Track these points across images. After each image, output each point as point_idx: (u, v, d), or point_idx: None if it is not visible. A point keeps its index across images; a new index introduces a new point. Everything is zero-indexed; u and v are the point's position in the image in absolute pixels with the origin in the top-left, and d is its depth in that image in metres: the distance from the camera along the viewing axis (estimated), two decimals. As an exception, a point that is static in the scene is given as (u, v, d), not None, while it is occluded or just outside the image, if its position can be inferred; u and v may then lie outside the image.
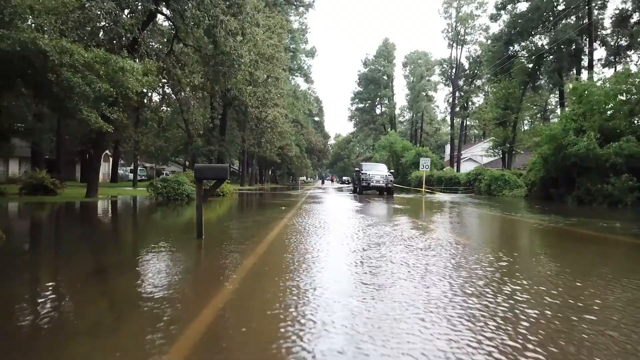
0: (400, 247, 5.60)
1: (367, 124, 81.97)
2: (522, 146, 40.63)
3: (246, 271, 4.11)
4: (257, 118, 32.52)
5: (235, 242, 6.39)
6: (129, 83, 10.94)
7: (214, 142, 33.67)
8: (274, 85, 32.37)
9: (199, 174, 6.32)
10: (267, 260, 4.82)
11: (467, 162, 59.65)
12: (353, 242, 6.01)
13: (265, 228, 7.85)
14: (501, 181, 28.03)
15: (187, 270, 4.46)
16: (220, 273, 4.20)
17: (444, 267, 4.45)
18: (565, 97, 42.62)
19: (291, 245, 5.72)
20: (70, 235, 7.68)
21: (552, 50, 37.82)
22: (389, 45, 77.67)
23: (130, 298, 3.35)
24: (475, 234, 8.18)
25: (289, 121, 45.28)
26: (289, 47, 50.90)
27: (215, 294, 3.36)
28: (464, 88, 62.37)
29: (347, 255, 5.02)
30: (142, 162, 58.96)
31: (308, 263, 4.51)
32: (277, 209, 13.90)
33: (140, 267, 4.45)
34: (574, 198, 19.18)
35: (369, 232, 7.04)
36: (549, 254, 5.96)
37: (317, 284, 3.65)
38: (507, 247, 6.37)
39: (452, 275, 4.02)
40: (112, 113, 11.87)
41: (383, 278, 3.86)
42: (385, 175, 25.34)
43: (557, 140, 18.73)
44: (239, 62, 17.43)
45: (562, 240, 7.54)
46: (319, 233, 6.91)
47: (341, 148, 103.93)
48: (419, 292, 3.44)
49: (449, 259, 4.90)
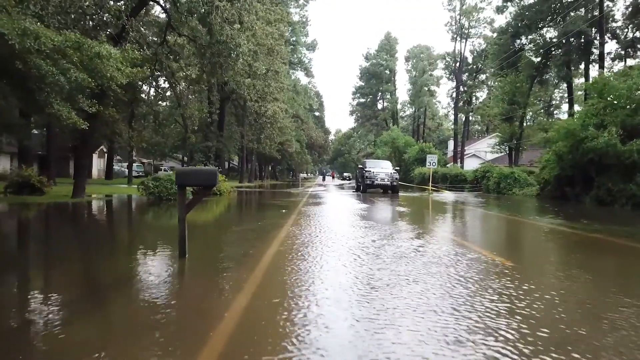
0: (439, 280, 4.40)
1: (369, 119, 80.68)
2: (529, 142, 39.41)
3: (228, 334, 2.88)
4: (256, 113, 31.27)
5: (224, 265, 5.19)
6: (109, 72, 9.69)
7: (211, 138, 32.48)
8: (274, 78, 31.10)
9: (181, 179, 5.17)
10: (259, 310, 3.41)
11: (471, 158, 58.45)
12: (368, 270, 4.84)
13: (262, 241, 6.68)
14: (511, 179, 26.89)
15: (147, 325, 2.98)
16: (194, 331, 3.00)
17: (524, 323, 3.29)
18: (573, 92, 41.65)
19: (291, 277, 4.50)
20: (22, 253, 6.49)
21: (561, 43, 36.56)
22: (391, 39, 76.31)
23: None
24: (518, 250, 6.99)
25: (289, 116, 44.05)
26: (289, 39, 49.62)
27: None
28: (468, 82, 61.04)
29: (363, 297, 3.85)
30: (139, 158, 57.80)
31: (311, 319, 3.12)
32: (277, 212, 12.76)
33: (78, 322, 3.28)
34: (592, 198, 18.03)
35: (387, 251, 5.87)
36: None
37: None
38: (578, 275, 5.12)
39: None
40: (91, 106, 10.63)
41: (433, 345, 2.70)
42: (390, 173, 24.24)
43: (575, 136, 17.55)
44: (237, 51, 16.23)
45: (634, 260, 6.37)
46: (324, 254, 5.70)
47: (341, 144, 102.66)
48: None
49: (521, 302, 3.74)
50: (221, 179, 20.49)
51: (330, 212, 12.00)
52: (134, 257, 5.63)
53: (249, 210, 15.03)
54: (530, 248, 7.39)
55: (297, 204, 15.47)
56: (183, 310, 3.40)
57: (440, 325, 2.90)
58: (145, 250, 6.14)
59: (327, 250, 5.73)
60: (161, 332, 2.80)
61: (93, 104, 10.64)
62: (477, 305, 3.39)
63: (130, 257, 5.73)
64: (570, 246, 7.33)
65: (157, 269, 4.80)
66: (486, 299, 3.59)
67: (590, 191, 18.51)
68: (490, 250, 6.10)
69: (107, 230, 8.75)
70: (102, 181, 36.16)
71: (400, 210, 14.17)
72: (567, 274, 4.85)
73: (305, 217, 10.23)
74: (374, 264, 4.86)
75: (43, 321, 3.01)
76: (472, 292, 3.80)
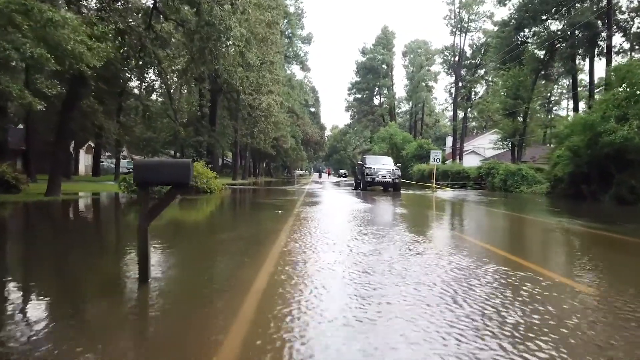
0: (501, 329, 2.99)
1: (365, 115, 79.16)
2: (532, 139, 38.15)
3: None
4: (249, 106, 29.72)
5: (198, 300, 3.70)
6: (70, 46, 8.14)
7: (203, 133, 30.94)
8: (268, 70, 29.62)
9: (141, 175, 3.74)
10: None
11: (470, 154, 57.17)
12: (386, 297, 3.42)
13: (254, 257, 5.23)
14: (518, 176, 25.56)
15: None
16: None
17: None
18: (577, 86, 40.39)
19: (296, 330, 3.08)
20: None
21: (566, 36, 35.27)
22: (388, 33, 74.79)
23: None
24: (583, 270, 5.54)
25: (284, 110, 42.52)
26: (285, 31, 48.08)
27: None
28: (467, 77, 59.71)
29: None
30: (130, 154, 56.12)
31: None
32: (272, 214, 11.32)
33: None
34: (612, 196, 16.73)
35: (411, 270, 4.45)
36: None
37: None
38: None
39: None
40: (50, 88, 9.10)
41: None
42: (392, 170, 22.85)
43: (594, 129, 16.21)
44: (227, 35, 14.75)
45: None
46: (328, 281, 4.27)
47: (337, 140, 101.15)
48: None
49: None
50: (212, 176, 19.04)
51: (331, 216, 10.52)
52: (87, 280, 4.17)
53: (241, 212, 13.53)
54: (601, 266, 5.97)
55: (293, 204, 14.03)
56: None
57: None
58: (97, 270, 4.67)
59: (337, 279, 4.31)
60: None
61: (53, 84, 9.09)
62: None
63: (82, 281, 4.26)
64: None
65: (109, 302, 3.35)
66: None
67: (609, 189, 17.22)
68: (562, 273, 4.68)
69: (63, 238, 7.28)
70: (89, 178, 34.62)
71: (409, 212, 12.80)
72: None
73: (304, 221, 8.79)
74: (406, 309, 3.44)
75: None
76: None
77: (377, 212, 11.42)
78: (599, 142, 16.14)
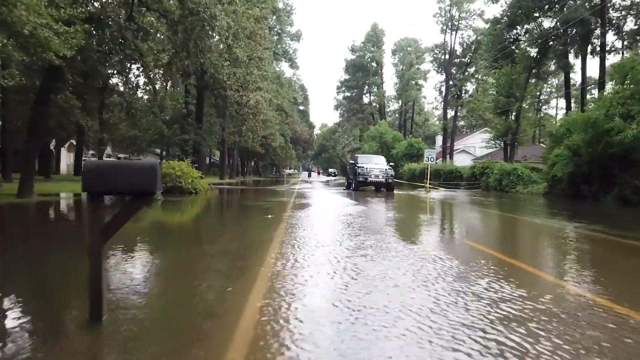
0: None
1: (355, 114, 78.31)
2: (526, 138, 37.67)
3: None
4: (237, 103, 28.65)
5: (163, 348, 2.82)
6: (29, 28, 7.14)
7: (189, 131, 29.82)
8: (257, 66, 28.61)
9: (91, 181, 2.84)
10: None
11: (461, 153, 56.77)
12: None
13: (238, 281, 4.34)
14: (514, 176, 24.93)
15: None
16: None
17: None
18: (570, 85, 39.95)
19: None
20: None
21: (560, 33, 34.76)
22: (377, 30, 74.00)
23: None
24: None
25: (273, 108, 41.52)
26: (274, 27, 47.06)
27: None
28: (457, 76, 59.19)
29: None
30: (115, 152, 54.72)
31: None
32: (260, 218, 10.44)
33: None
34: (614, 197, 16.12)
35: (445, 305, 3.62)
36: None
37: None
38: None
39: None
40: (6, 79, 8.07)
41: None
42: (385, 169, 22.10)
43: (597, 127, 15.54)
44: (212, 24, 13.78)
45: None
46: (326, 331, 3.41)
47: (326, 139, 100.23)
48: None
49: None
50: (197, 176, 18.10)
51: (324, 222, 9.62)
52: (23, 318, 3.24)
53: (227, 216, 12.53)
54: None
55: (284, 206, 13.15)
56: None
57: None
58: (36, 300, 3.75)
59: (343, 309, 3.46)
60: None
61: (12, 74, 8.04)
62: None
63: (16, 320, 3.32)
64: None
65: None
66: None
67: (611, 189, 16.62)
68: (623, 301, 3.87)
69: (11, 250, 6.33)
70: (70, 177, 33.38)
71: (410, 216, 12.01)
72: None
73: (297, 229, 7.91)
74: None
75: None
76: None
77: (375, 218, 10.59)
78: (602, 141, 15.50)
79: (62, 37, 8.01)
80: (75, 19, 9.11)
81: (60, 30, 7.96)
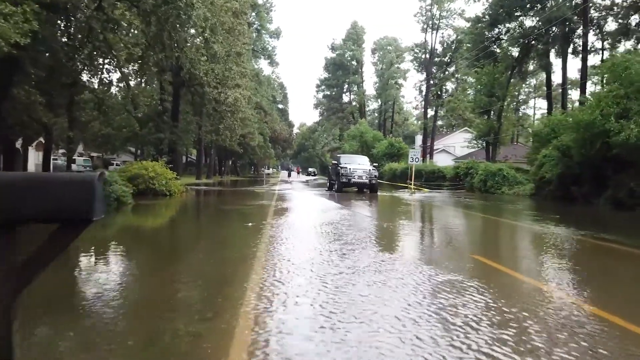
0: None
1: (335, 113, 77.52)
2: (507, 137, 37.44)
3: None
4: (215, 100, 27.46)
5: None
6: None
7: (164, 129, 28.51)
8: (235, 62, 27.49)
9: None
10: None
11: (441, 153, 56.49)
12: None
13: (212, 337, 3.41)
14: (499, 177, 24.42)
15: None
16: None
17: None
18: (552, 84, 39.91)
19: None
20: None
21: (542, 32, 34.53)
22: (358, 28, 73.34)
23: None
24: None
25: (252, 106, 40.35)
26: (253, 23, 45.85)
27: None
28: (438, 75, 58.93)
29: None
30: (87, 151, 52.77)
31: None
32: (239, 227, 9.47)
33: None
34: (608, 200, 15.62)
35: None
36: None
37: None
38: None
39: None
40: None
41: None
42: (368, 170, 21.35)
43: (593, 127, 15.00)
44: (188, 14, 12.73)
45: None
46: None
47: (305, 138, 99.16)
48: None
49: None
50: (172, 177, 17.02)
51: (312, 229, 8.64)
52: None
53: (200, 223, 11.27)
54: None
55: (264, 211, 12.20)
56: None
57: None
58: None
59: None
60: None
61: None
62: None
63: None
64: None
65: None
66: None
67: (603, 191, 16.14)
68: None
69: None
70: (37, 177, 31.71)
71: (404, 223, 11.24)
72: None
73: (281, 242, 6.96)
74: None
75: None
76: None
77: (367, 228, 9.76)
78: (597, 142, 14.96)
79: (10, 21, 6.92)
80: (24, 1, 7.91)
81: (6, 11, 6.84)
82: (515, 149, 45.90)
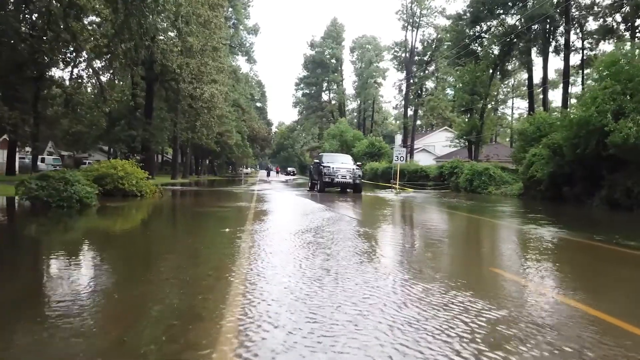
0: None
1: (314, 111, 76.66)
2: (490, 135, 37.06)
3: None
4: (190, 96, 26.17)
5: None
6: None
7: (136, 126, 27.14)
8: (212, 57, 26.29)
9: None
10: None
11: (421, 152, 56.10)
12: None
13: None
14: (485, 176, 23.81)
15: None
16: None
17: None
18: (533, 83, 39.66)
19: None
20: None
21: (523, 30, 34.18)
22: (337, 25, 72.60)
23: None
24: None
25: (229, 103, 39.09)
26: (230, 18, 44.54)
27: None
28: (419, 74, 58.51)
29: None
30: (57, 149, 50.53)
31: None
32: (215, 234, 8.36)
33: None
34: (602, 200, 15.02)
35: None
36: None
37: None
38: None
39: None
40: None
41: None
42: (352, 169, 20.50)
43: (589, 125, 14.36)
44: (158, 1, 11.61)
45: None
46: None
47: (284, 137, 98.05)
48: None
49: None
50: (143, 176, 15.80)
51: (296, 239, 7.59)
52: None
53: (172, 230, 9.68)
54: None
55: (243, 213, 11.15)
56: None
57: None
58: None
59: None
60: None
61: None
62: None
63: None
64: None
65: None
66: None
67: (596, 191, 15.55)
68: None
69: None
70: (1, 177, 29.94)
71: (400, 230, 10.34)
72: None
73: (261, 256, 5.90)
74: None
75: None
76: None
77: (355, 233, 8.80)
78: (592, 140, 14.33)
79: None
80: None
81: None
82: (497, 148, 45.72)
